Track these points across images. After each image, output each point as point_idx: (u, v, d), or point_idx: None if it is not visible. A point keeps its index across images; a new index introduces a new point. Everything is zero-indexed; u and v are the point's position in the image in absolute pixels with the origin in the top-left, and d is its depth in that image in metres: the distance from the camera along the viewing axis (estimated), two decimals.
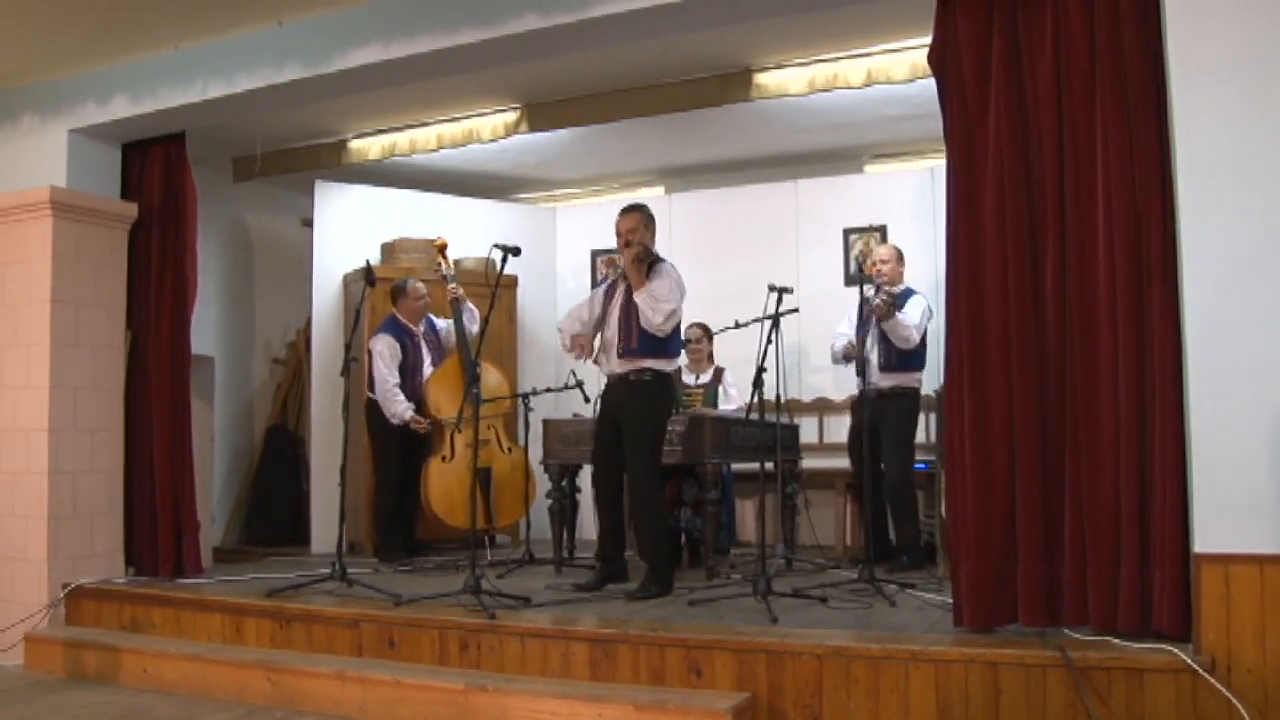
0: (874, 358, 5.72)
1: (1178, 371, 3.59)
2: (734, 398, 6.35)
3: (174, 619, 5.15)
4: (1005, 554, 3.84)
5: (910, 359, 5.75)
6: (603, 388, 5.17)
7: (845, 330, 5.94)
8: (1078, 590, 3.73)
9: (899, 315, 5.60)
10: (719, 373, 6.48)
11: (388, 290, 6.64)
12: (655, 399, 4.97)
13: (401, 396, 6.27)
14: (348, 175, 7.41)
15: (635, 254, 4.91)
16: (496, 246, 4.79)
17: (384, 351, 6.31)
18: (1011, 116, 3.95)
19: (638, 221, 5.06)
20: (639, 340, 4.93)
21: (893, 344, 5.68)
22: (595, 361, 5.15)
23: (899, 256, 5.95)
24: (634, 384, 4.95)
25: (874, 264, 5.87)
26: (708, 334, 6.53)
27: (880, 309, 5.59)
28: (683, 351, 5.81)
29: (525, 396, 6.21)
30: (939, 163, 6.33)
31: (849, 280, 7.02)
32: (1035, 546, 3.81)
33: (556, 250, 8.04)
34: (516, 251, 4.82)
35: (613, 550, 5.10)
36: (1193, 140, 3.55)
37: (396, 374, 6.31)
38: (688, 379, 6.51)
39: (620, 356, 4.97)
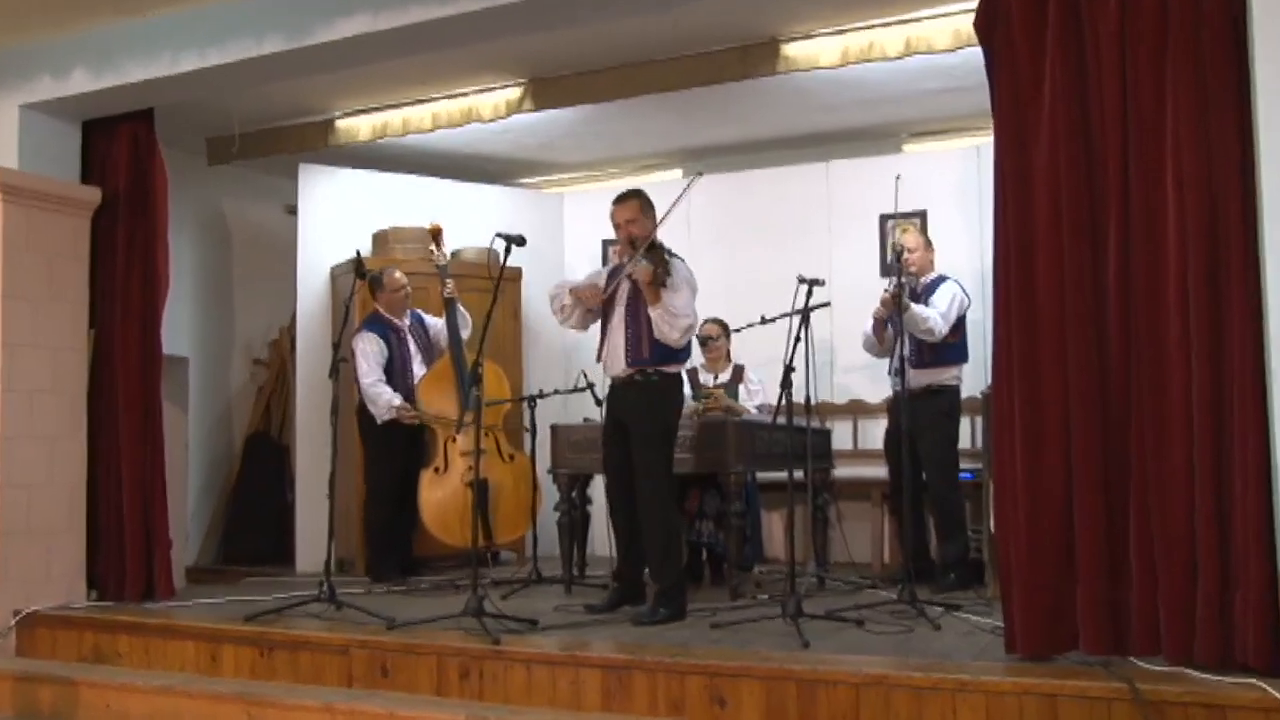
0: (906, 354, 5.67)
1: (1259, 367, 3.53)
2: (757, 394, 6.34)
3: (142, 648, 5.13)
4: (1063, 572, 3.80)
5: (944, 353, 5.74)
6: (607, 391, 5.19)
7: (868, 327, 5.95)
8: (1147, 614, 3.67)
9: (914, 308, 5.57)
10: (739, 371, 6.49)
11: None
12: (664, 398, 5.00)
13: (386, 388, 6.29)
14: (335, 158, 7.40)
15: (650, 275, 4.82)
16: (499, 236, 4.79)
17: (367, 349, 6.32)
18: (1069, 87, 3.90)
19: (636, 210, 5.03)
20: (651, 350, 4.95)
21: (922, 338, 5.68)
22: (599, 359, 5.15)
23: (927, 243, 5.97)
24: (640, 385, 4.98)
25: (901, 252, 5.87)
26: (726, 331, 6.53)
27: (887, 304, 5.56)
28: (698, 349, 5.78)
29: (531, 399, 6.21)
30: (985, 140, 6.22)
31: (885, 271, 7.00)
32: (1097, 564, 3.76)
33: (564, 240, 8.02)
34: (521, 241, 4.81)
35: (629, 569, 5.10)
36: (1278, 110, 3.49)
37: (380, 371, 6.33)
38: (705, 378, 6.52)
39: (627, 364, 4.99)
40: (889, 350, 5.84)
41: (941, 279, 5.86)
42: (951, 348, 5.74)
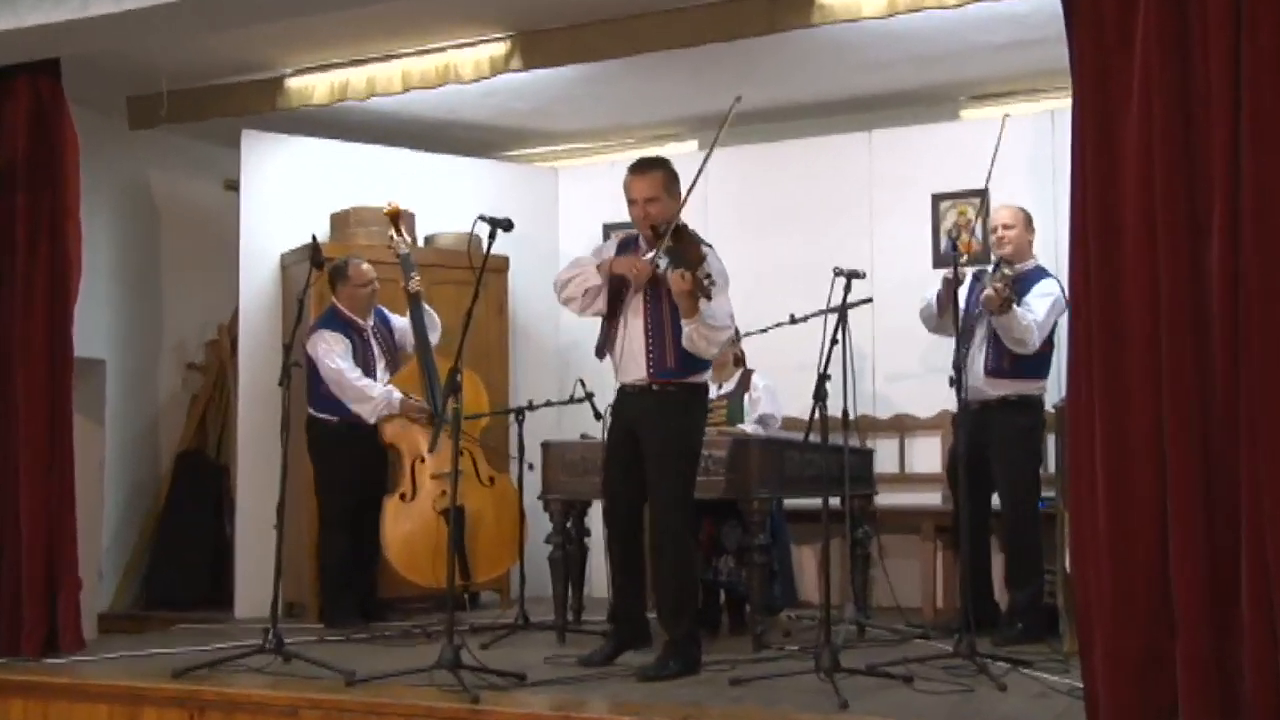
0: (979, 359, 5.70)
1: None
2: (763, 404, 6.35)
3: (41, 713, 5.08)
4: (1157, 622, 3.79)
5: (1031, 362, 5.74)
6: (615, 396, 5.18)
7: (930, 295, 5.96)
8: (1265, 673, 3.63)
9: (1016, 310, 5.53)
10: (745, 378, 6.51)
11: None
12: (690, 415, 5.02)
13: (374, 382, 6.35)
14: (285, 124, 7.40)
15: (692, 284, 4.73)
16: (481, 219, 4.80)
17: (333, 348, 6.36)
18: (1167, 42, 3.88)
19: (659, 185, 4.99)
20: (678, 360, 4.96)
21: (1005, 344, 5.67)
22: (599, 354, 5.17)
23: (1027, 221, 5.91)
24: (661, 395, 4.99)
25: (994, 229, 5.85)
26: (735, 336, 6.47)
27: (992, 300, 5.52)
28: None
29: (518, 412, 6.18)
30: (1062, 104, 6.30)
31: (939, 261, 7.00)
32: (1200, 612, 3.74)
33: (559, 223, 8.04)
34: (507, 225, 4.82)
35: (629, 607, 5.10)
36: None
37: (349, 365, 6.36)
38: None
39: (649, 376, 5.00)
40: (946, 329, 5.79)
41: (1041, 273, 5.84)
42: (1039, 358, 5.74)
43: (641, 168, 5.05)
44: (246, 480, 7.03)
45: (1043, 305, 5.66)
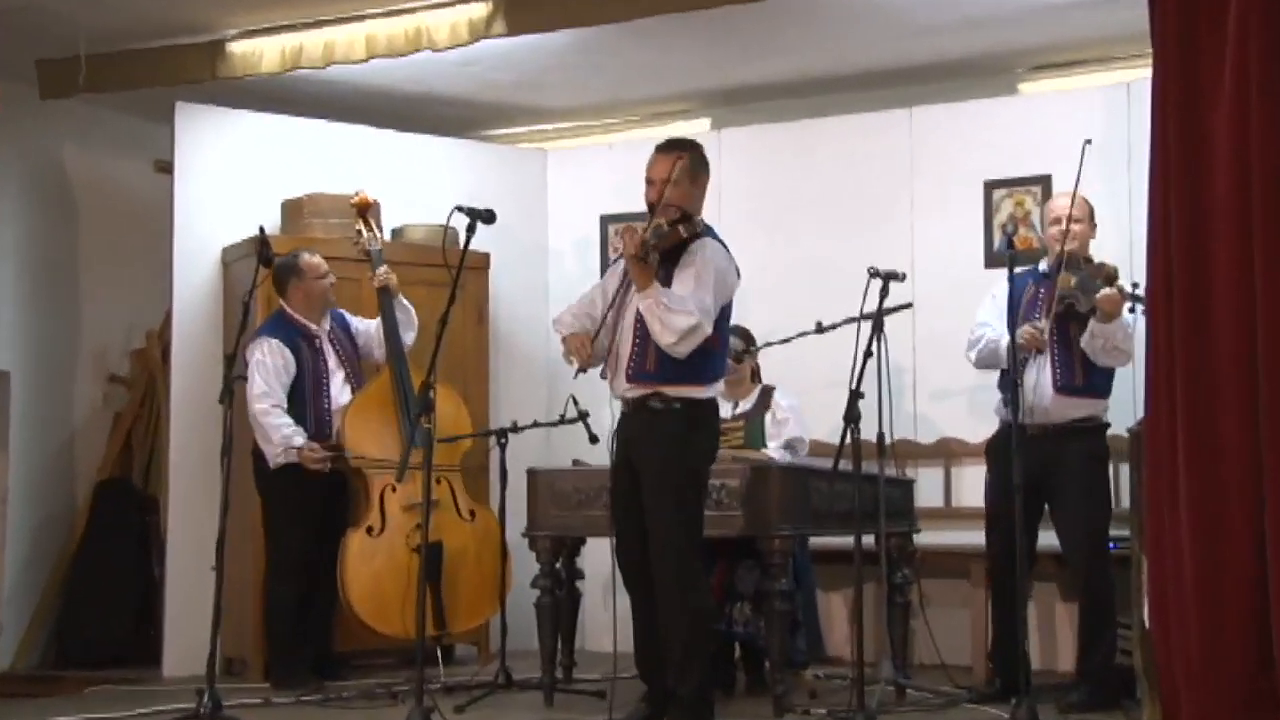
0: (1046, 374, 5.66)
1: None
2: (786, 424, 6.36)
3: None
4: (1255, 690, 3.77)
5: (1104, 378, 5.72)
6: (615, 420, 5.18)
7: (989, 319, 5.88)
8: None
9: (1126, 321, 5.50)
10: (766, 394, 6.50)
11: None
12: (690, 434, 5.02)
13: (285, 418, 6.29)
14: (228, 96, 7.37)
15: (638, 245, 4.87)
16: (458, 210, 4.78)
17: (265, 361, 6.33)
18: (1270, 7, 3.86)
19: (684, 169, 5.03)
20: (656, 361, 4.98)
21: (1081, 354, 5.61)
22: (603, 375, 5.19)
23: (1090, 214, 5.88)
24: (654, 414, 5.01)
25: (1055, 221, 5.79)
26: (748, 345, 6.51)
27: (1115, 302, 5.41)
28: None
29: (501, 435, 6.18)
30: (1140, 74, 6.29)
31: (992, 260, 6.97)
32: None
33: (549, 215, 8.06)
34: (489, 217, 4.82)
35: (656, 667, 5.06)
36: None
37: (280, 394, 6.33)
38: (721, 410, 6.49)
39: (629, 380, 5.05)
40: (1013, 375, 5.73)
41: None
42: (1108, 372, 5.72)
43: (668, 146, 5.11)
44: (179, 513, 6.98)
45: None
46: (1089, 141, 5.60)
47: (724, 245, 5.10)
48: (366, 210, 6.66)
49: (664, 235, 4.90)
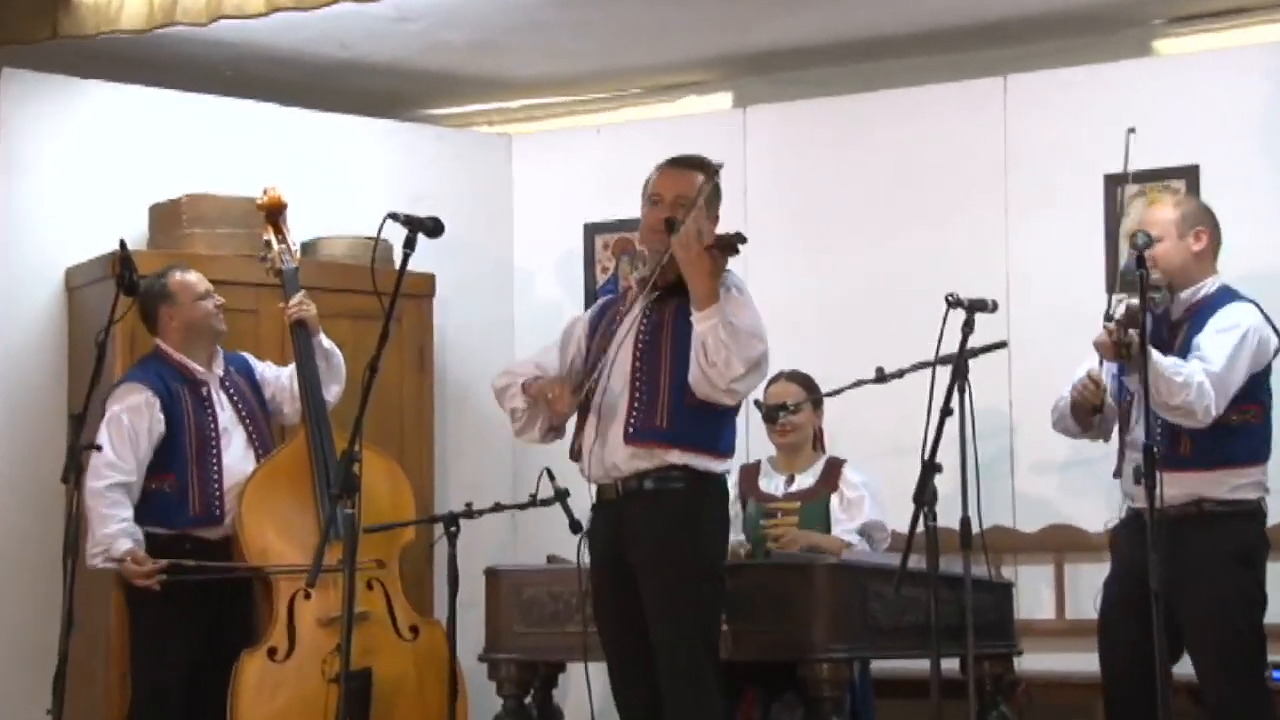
0: (1141, 445, 5.61)
1: None
2: (861, 506, 6.43)
3: None
4: None
5: (1226, 442, 5.66)
6: (591, 507, 5.31)
7: (1090, 371, 5.91)
8: None
9: (1156, 359, 5.47)
10: (833, 469, 6.57)
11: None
12: (702, 517, 5.10)
13: (119, 508, 6.21)
14: (74, 62, 7.41)
15: (713, 239, 4.98)
16: (393, 218, 4.78)
17: (119, 417, 6.27)
18: None
19: (695, 186, 5.13)
20: (671, 413, 5.07)
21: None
22: (574, 454, 5.30)
23: (1188, 223, 5.84)
24: (652, 497, 5.10)
25: (1132, 236, 5.72)
26: (810, 394, 6.57)
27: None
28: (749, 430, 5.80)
29: (451, 521, 6.15)
30: None
31: (1116, 282, 6.89)
32: None
33: (515, 223, 8.18)
34: (433, 228, 4.79)
35: None
36: None
37: (130, 463, 6.27)
38: (769, 483, 6.64)
39: (628, 440, 5.09)
40: (1105, 431, 5.81)
41: (1225, 296, 5.80)
42: (1240, 432, 5.67)
43: (681, 163, 5.26)
44: (4, 638, 6.97)
45: (1219, 345, 5.55)
46: (1132, 130, 5.62)
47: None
48: (279, 214, 6.66)
49: (729, 244, 4.97)
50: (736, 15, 7.33)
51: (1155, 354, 5.48)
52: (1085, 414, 5.82)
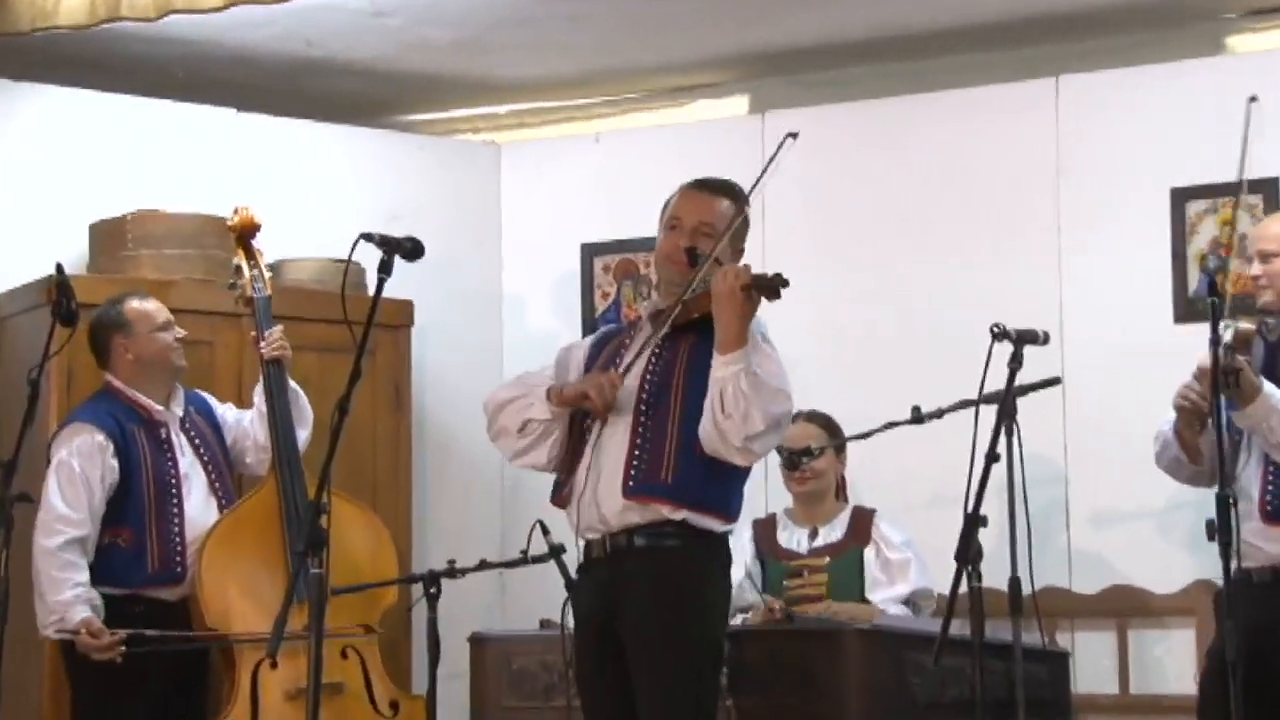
0: (1254, 494, 5.66)
1: None
2: (904, 570, 6.48)
3: None
4: None
5: None
6: (578, 568, 5.38)
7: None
8: None
9: (1267, 391, 5.51)
10: (861, 521, 6.61)
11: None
12: (704, 585, 5.15)
13: (74, 570, 6.23)
14: (5, 61, 7.44)
15: (750, 278, 4.98)
16: (366, 238, 4.77)
17: (70, 463, 6.30)
18: None
19: (727, 218, 5.24)
20: (676, 467, 5.08)
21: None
22: (560, 498, 5.33)
23: None
24: (644, 555, 5.13)
25: (1250, 258, 5.79)
26: (833, 437, 6.59)
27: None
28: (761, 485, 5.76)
29: (431, 582, 6.14)
30: None
31: (1186, 311, 6.96)
32: None
33: (504, 242, 8.21)
34: (412, 249, 4.80)
35: None
36: None
37: (83, 515, 6.27)
38: (790, 537, 6.70)
39: (627, 494, 5.11)
40: (1212, 474, 5.76)
41: None
42: None
43: (707, 186, 5.35)
44: None
45: None
46: (1254, 99, 5.57)
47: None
48: (250, 236, 6.68)
49: (770, 286, 4.96)
50: (754, 8, 7.35)
51: (1268, 386, 5.52)
52: (1190, 429, 5.74)
